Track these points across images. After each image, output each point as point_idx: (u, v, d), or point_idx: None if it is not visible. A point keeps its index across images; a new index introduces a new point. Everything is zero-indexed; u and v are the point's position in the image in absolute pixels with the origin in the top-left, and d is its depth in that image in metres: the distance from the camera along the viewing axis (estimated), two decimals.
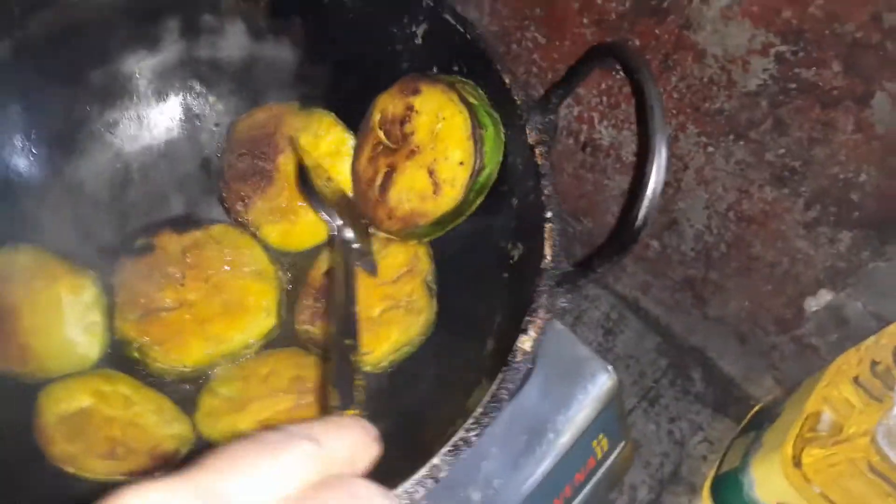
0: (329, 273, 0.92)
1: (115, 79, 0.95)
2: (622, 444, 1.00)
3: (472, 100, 0.87)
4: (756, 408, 1.18)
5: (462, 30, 0.85)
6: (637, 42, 0.92)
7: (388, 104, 0.92)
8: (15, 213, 0.90)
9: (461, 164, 0.86)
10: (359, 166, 0.94)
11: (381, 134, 0.93)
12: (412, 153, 0.90)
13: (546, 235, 0.75)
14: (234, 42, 0.97)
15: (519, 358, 0.69)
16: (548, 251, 0.74)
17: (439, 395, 0.80)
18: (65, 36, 0.89)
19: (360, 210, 0.92)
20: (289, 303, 0.95)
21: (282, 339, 0.93)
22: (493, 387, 0.67)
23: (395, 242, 0.92)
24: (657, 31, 0.89)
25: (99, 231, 0.95)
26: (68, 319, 0.85)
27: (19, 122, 0.89)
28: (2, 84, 0.86)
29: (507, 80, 0.83)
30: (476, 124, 0.84)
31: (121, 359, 0.88)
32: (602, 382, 0.95)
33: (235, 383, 0.86)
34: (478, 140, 0.84)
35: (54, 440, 0.75)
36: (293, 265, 0.98)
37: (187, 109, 0.99)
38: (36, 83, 0.89)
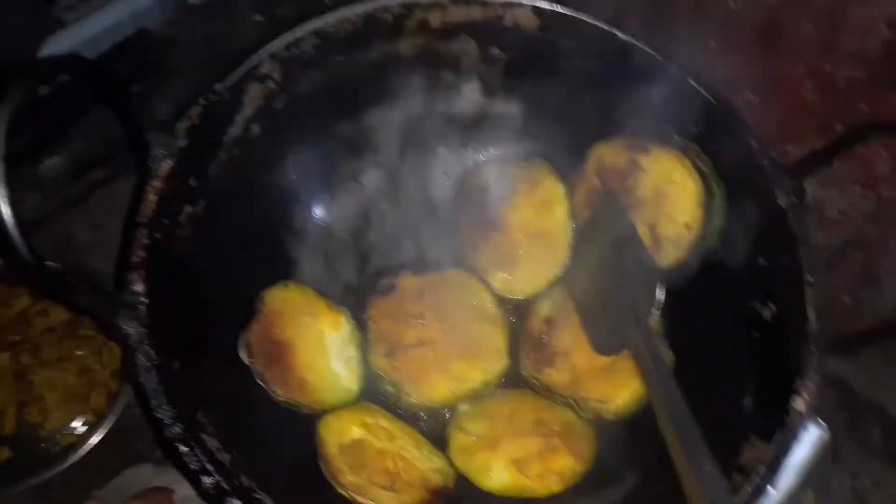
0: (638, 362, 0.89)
1: (360, 132, 1.03)
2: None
3: (702, 167, 0.92)
4: None
5: (708, 95, 0.89)
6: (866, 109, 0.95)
7: (607, 154, 0.98)
8: (283, 254, 0.98)
9: (687, 226, 0.91)
10: (576, 208, 1.00)
11: (595, 180, 0.98)
12: (630, 206, 0.95)
13: (808, 299, 0.78)
14: (468, 98, 1.04)
15: (794, 419, 0.72)
16: (811, 314, 0.78)
17: None
18: (325, 92, 0.97)
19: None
20: (514, 347, 1.00)
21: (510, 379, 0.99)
22: (773, 446, 0.71)
23: None
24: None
25: (345, 270, 1.02)
26: (331, 353, 0.92)
27: (288, 170, 0.98)
28: (275, 134, 0.94)
29: (753, 144, 0.87)
30: (707, 192, 0.89)
31: (370, 393, 0.95)
32: (814, 437, 0.97)
33: (481, 421, 0.92)
34: (706, 207, 0.89)
35: (342, 471, 0.82)
36: (515, 309, 1.04)
37: (419, 159, 1.06)
38: (298, 134, 0.98)
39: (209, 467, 0.68)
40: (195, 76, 1.29)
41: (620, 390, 0.90)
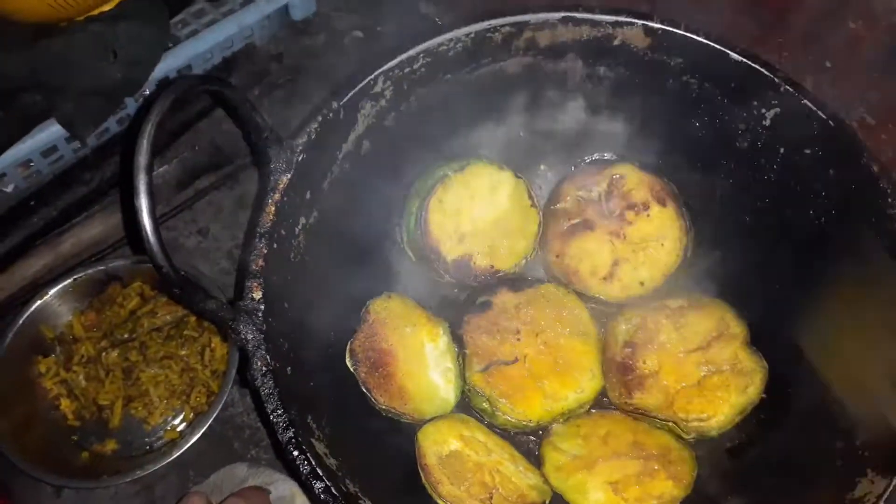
0: None
1: (464, 147, 1.04)
2: None
3: None
4: None
5: (823, 116, 0.87)
6: None
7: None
8: (386, 266, 1.00)
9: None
10: None
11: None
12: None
13: None
14: (571, 116, 1.04)
15: None
16: None
17: (798, 483, 0.81)
18: (433, 110, 0.98)
19: None
20: None
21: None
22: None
23: (692, 310, 0.96)
24: None
25: (443, 284, 1.03)
26: (430, 363, 0.94)
27: (394, 186, 1.00)
28: (384, 150, 0.96)
29: (875, 168, 0.84)
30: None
31: (465, 410, 0.96)
32: None
33: (575, 440, 0.92)
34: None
35: (441, 481, 0.83)
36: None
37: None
38: (406, 151, 1.00)
39: (319, 472, 0.70)
40: (298, 91, 1.34)
41: (720, 405, 0.89)
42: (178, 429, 1.10)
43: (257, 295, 0.76)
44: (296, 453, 0.70)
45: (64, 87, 1.19)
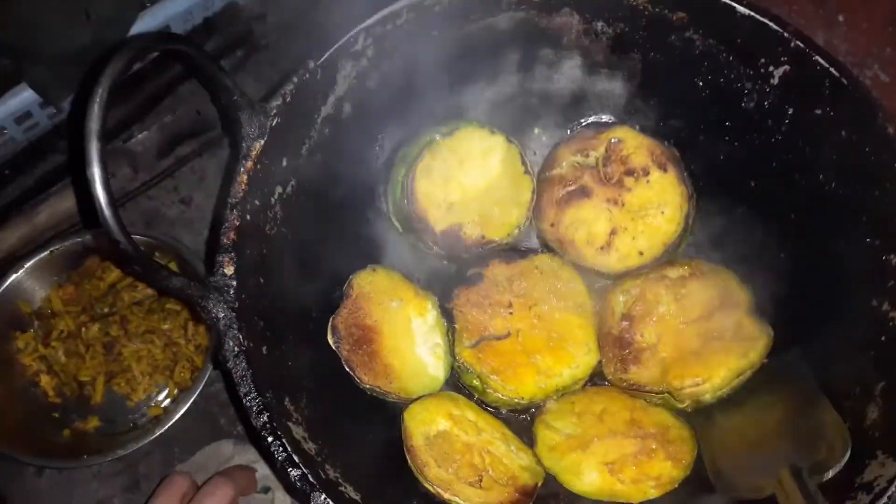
0: None
1: (453, 110, 0.99)
2: None
3: None
4: None
5: (835, 73, 0.81)
6: None
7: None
8: (370, 238, 0.95)
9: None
10: None
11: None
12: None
13: None
14: (567, 75, 0.99)
15: None
16: None
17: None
18: (418, 70, 0.92)
19: None
20: None
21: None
22: None
23: (693, 279, 0.91)
24: None
25: (431, 256, 0.99)
26: (417, 339, 0.90)
27: (378, 151, 0.95)
28: (366, 112, 0.91)
29: (890, 130, 0.78)
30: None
31: (455, 387, 0.92)
32: None
33: (569, 418, 0.88)
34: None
35: (428, 464, 0.79)
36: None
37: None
38: (390, 113, 0.95)
39: (295, 458, 0.66)
40: (284, 52, 1.28)
41: (716, 369, 0.84)
42: (163, 405, 1.08)
43: (229, 270, 0.71)
44: (270, 439, 0.67)
45: (34, 51, 1.13)
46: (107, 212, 0.58)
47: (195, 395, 1.01)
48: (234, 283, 0.71)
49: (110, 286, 1.13)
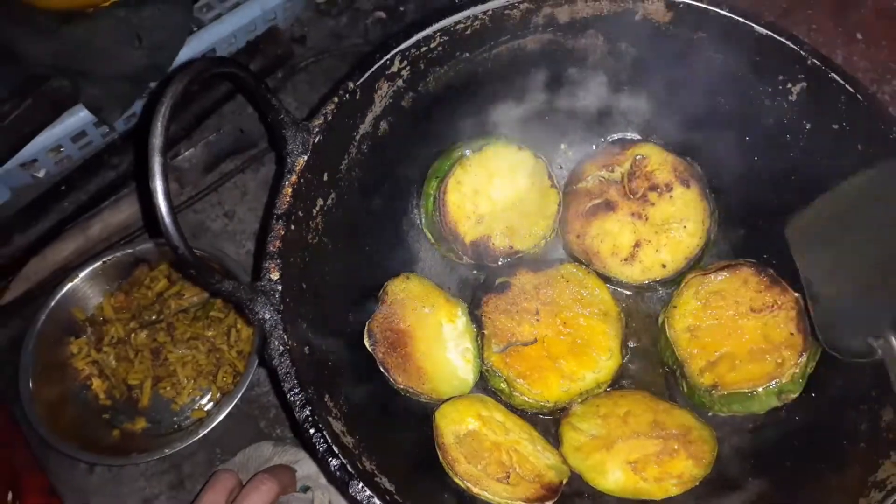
0: None
1: (483, 127, 1.03)
2: None
3: None
4: None
5: (852, 90, 0.84)
6: None
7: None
8: (404, 247, 1.00)
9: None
10: None
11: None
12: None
13: None
14: (593, 93, 1.03)
15: None
16: None
17: (819, 465, 0.80)
18: (450, 89, 0.98)
19: None
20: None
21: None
22: None
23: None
24: None
25: (461, 265, 1.03)
26: (448, 344, 0.94)
27: (412, 166, 1.00)
28: (401, 130, 0.96)
29: None
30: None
31: (482, 389, 0.96)
32: None
33: (594, 420, 0.91)
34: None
35: (457, 460, 0.83)
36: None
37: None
38: (423, 131, 1.00)
39: (335, 449, 0.71)
40: (322, 73, 1.34)
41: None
42: (206, 408, 1.12)
43: (275, 276, 0.76)
44: (312, 431, 0.71)
45: (90, 72, 1.20)
46: (167, 219, 0.63)
47: (237, 399, 1.05)
48: (280, 287, 0.76)
49: (158, 295, 1.18)
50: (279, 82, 1.33)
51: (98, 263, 1.15)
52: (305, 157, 0.82)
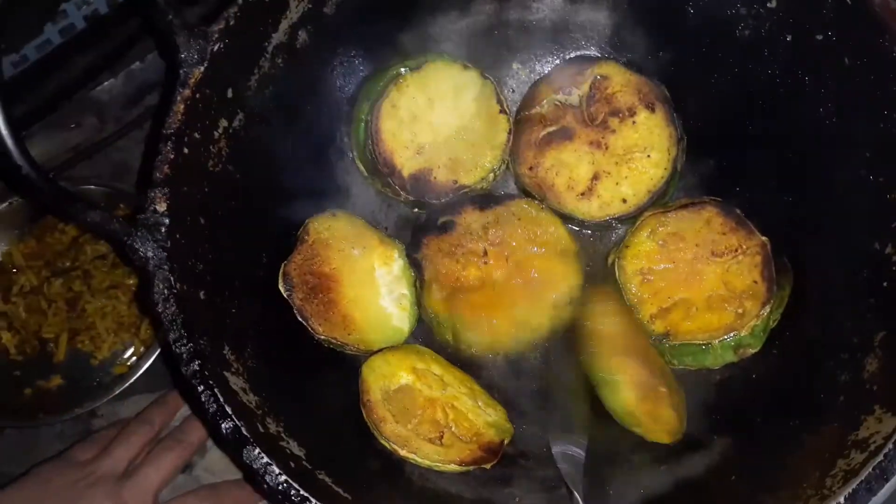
0: None
1: (422, 41, 0.92)
2: None
3: None
4: None
5: None
6: None
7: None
8: (332, 180, 0.89)
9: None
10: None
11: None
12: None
13: None
14: (548, 4, 0.92)
15: None
16: None
17: (792, 422, 0.71)
18: None
19: None
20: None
21: None
22: None
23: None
24: None
25: (397, 201, 0.93)
26: (381, 290, 0.84)
27: (340, 85, 0.89)
28: (324, 42, 0.84)
29: None
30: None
31: (424, 338, 0.87)
32: None
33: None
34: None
35: (385, 419, 0.74)
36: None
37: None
38: (351, 44, 0.88)
39: (228, 410, 0.60)
40: None
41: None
42: (128, 363, 1.04)
43: (161, 207, 0.65)
44: (201, 388, 0.61)
45: None
46: (4, 131, 0.51)
47: (159, 352, 0.98)
48: (167, 220, 0.65)
49: (73, 240, 1.09)
50: None
51: (3, 205, 1.06)
52: (202, 68, 0.70)
